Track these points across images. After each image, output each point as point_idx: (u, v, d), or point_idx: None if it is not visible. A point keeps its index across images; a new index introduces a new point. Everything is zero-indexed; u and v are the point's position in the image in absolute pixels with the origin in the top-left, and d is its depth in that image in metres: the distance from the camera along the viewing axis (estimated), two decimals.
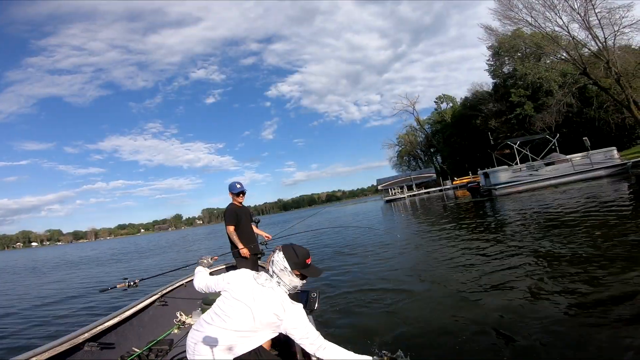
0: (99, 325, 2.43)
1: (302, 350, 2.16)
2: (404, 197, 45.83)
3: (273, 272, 1.92)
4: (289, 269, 1.88)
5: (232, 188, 4.17)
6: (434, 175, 57.44)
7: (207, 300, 2.91)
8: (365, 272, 5.98)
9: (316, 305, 2.12)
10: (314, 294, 2.15)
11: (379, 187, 60.16)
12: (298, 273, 1.90)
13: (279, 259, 1.90)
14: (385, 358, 1.65)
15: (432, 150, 68.58)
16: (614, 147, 17.19)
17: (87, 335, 2.29)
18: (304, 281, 1.98)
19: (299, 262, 1.90)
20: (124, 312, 2.78)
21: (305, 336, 1.76)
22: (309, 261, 1.95)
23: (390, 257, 6.97)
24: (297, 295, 2.21)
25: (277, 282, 1.91)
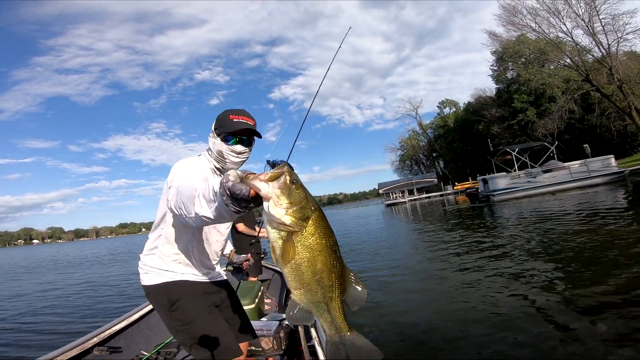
0: (107, 330, 2.47)
1: (309, 348, 2.22)
2: (405, 202, 45.81)
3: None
4: (212, 129, 1.54)
5: None
6: (435, 180, 57.33)
7: None
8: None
9: None
10: None
11: (381, 191, 60.08)
12: (218, 132, 1.50)
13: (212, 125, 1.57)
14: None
15: (434, 154, 68.41)
16: (612, 155, 17.26)
17: (95, 340, 2.34)
18: (236, 148, 1.50)
19: (219, 118, 1.52)
20: (131, 315, 2.81)
21: (168, 185, 1.36)
22: (233, 117, 1.49)
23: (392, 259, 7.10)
24: None
25: (207, 149, 1.60)
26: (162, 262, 1.51)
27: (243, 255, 2.42)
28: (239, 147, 1.51)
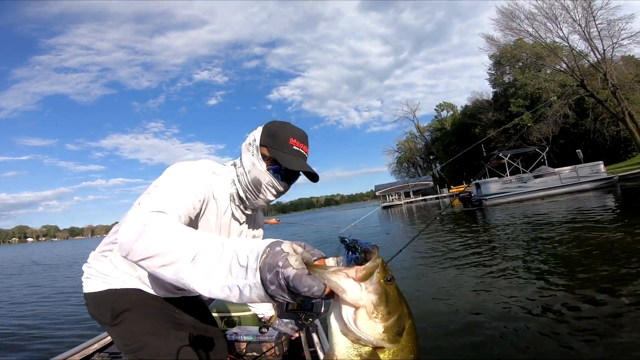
0: (107, 336, 2.46)
1: (311, 353, 2.18)
2: (401, 204, 45.87)
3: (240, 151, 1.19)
4: (258, 142, 1.12)
5: None
6: (432, 182, 57.45)
7: (217, 306, 2.70)
8: None
9: (322, 308, 1.98)
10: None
11: (377, 193, 60.16)
12: (267, 153, 1.10)
13: (254, 133, 1.15)
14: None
15: (431, 157, 68.64)
16: (601, 162, 17.46)
17: (96, 346, 2.33)
18: (281, 186, 1.13)
19: (275, 133, 1.11)
20: None
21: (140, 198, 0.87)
22: (294, 142, 1.10)
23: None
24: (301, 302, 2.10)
25: (233, 164, 1.21)
26: (112, 269, 1.17)
27: (291, 325, 1.80)
28: (284, 186, 1.14)
